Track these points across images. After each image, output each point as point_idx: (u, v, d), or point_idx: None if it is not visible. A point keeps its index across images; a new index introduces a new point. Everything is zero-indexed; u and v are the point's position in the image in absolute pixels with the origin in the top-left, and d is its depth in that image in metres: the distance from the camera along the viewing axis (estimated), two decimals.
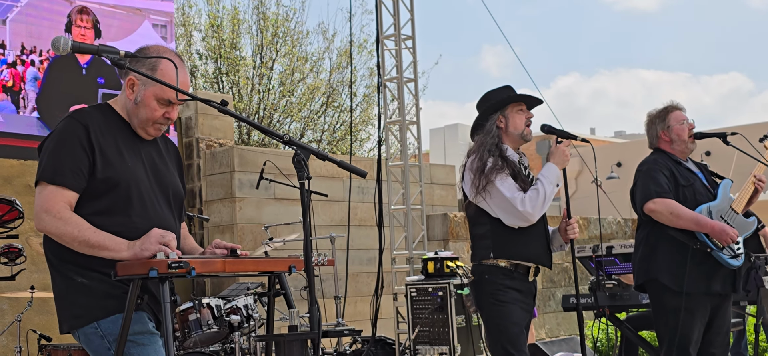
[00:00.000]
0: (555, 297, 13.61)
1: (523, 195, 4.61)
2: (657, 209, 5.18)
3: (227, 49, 18.51)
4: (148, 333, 3.29)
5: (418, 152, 11.08)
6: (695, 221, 5.11)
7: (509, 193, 4.61)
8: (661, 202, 5.17)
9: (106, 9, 10.47)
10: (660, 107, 5.52)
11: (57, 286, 3.33)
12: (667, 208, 5.15)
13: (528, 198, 4.61)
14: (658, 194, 5.18)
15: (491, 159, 4.67)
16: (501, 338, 4.67)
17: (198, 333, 5.93)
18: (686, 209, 5.15)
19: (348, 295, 9.74)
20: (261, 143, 17.91)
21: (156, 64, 3.35)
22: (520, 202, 4.59)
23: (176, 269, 3.02)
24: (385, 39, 10.82)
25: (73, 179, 3.22)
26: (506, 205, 4.63)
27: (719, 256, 5.10)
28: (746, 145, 5.43)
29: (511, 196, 4.60)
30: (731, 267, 5.15)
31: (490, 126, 4.80)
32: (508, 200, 4.61)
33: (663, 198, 5.17)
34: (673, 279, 5.16)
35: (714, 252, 5.10)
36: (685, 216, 5.12)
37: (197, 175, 11.55)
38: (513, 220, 4.66)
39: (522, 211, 4.60)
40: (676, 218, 5.14)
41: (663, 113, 5.47)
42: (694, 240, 5.13)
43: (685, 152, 5.43)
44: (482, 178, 4.66)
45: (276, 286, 3.65)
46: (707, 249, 5.09)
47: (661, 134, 5.44)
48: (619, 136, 42.03)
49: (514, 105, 4.85)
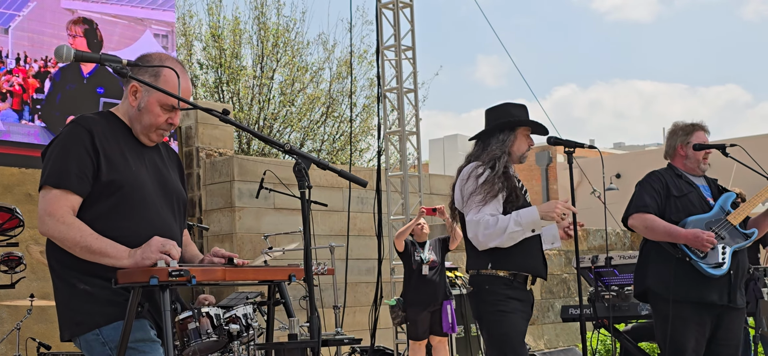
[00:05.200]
0: (554, 308, 13.62)
1: (482, 219, 4.60)
2: (634, 224, 5.33)
3: (228, 58, 18.55)
4: (150, 340, 3.29)
5: (418, 162, 11.11)
6: (667, 232, 5.19)
7: (474, 215, 4.63)
8: (638, 217, 5.29)
9: (108, 18, 10.50)
10: (689, 122, 5.56)
11: (59, 293, 3.33)
12: (642, 222, 5.27)
13: (483, 225, 4.59)
14: (637, 209, 5.30)
15: (488, 171, 4.68)
16: (503, 347, 4.68)
17: (197, 341, 5.91)
18: (661, 221, 5.22)
19: (347, 305, 9.75)
20: (261, 153, 17.94)
21: (158, 72, 3.36)
22: (476, 225, 4.62)
23: (177, 277, 3.03)
24: (386, 49, 10.85)
25: (78, 183, 3.23)
26: (468, 224, 4.69)
27: (698, 264, 5.13)
28: (745, 157, 5.45)
29: (472, 218, 4.63)
30: (712, 275, 5.15)
31: (505, 139, 4.82)
32: (469, 221, 4.66)
33: (640, 213, 5.28)
34: (663, 287, 5.22)
35: (693, 261, 5.13)
36: (659, 229, 5.22)
37: (197, 184, 11.57)
38: (469, 238, 4.70)
39: (472, 235, 4.66)
40: (651, 232, 5.27)
41: (690, 128, 5.51)
42: (675, 250, 5.18)
43: (696, 170, 5.48)
44: (467, 189, 4.71)
45: (276, 295, 3.66)
46: (686, 258, 5.14)
47: (678, 148, 5.50)
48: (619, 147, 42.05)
49: (524, 128, 4.88)
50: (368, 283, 11.79)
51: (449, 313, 8.44)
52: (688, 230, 5.16)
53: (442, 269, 8.56)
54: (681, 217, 5.25)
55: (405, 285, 8.63)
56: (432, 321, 8.47)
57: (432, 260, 8.47)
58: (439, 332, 8.49)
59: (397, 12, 10.84)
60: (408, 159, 10.90)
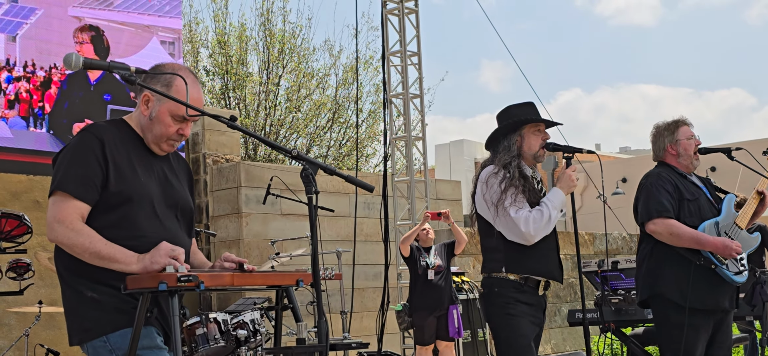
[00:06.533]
0: (561, 312, 13.62)
1: (527, 215, 4.62)
2: (657, 230, 5.18)
3: (234, 65, 18.58)
4: (157, 347, 3.30)
5: (424, 167, 11.12)
6: (696, 240, 5.11)
7: (515, 213, 4.62)
8: (662, 222, 5.16)
9: (115, 26, 10.55)
10: (669, 120, 5.51)
11: (67, 299, 3.35)
12: (667, 229, 5.15)
13: (532, 219, 4.62)
14: (659, 214, 5.18)
15: (506, 175, 4.69)
16: (509, 351, 4.69)
17: (205, 347, 5.94)
18: (686, 228, 5.14)
19: (354, 310, 9.77)
20: (267, 159, 17.97)
21: (171, 81, 3.38)
22: (524, 222, 4.61)
23: (186, 282, 3.05)
24: (391, 55, 10.87)
25: (87, 191, 3.25)
26: (511, 224, 4.65)
27: (723, 272, 5.10)
28: (751, 160, 5.45)
29: (515, 216, 4.62)
30: (735, 283, 5.15)
31: (509, 143, 4.82)
32: (512, 220, 4.62)
33: (663, 218, 5.16)
34: (679, 294, 5.15)
35: (718, 268, 5.10)
36: (685, 236, 5.12)
37: (204, 190, 11.60)
38: (515, 238, 4.68)
39: (524, 232, 4.62)
40: (677, 239, 5.14)
41: (672, 126, 5.46)
42: (698, 256, 5.13)
43: (690, 167, 5.43)
44: (492, 193, 4.68)
45: (284, 300, 3.68)
46: (711, 266, 5.10)
47: (668, 147, 5.43)
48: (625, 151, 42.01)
49: (532, 125, 4.86)
50: (375, 288, 11.80)
51: (455, 318, 8.44)
52: (716, 239, 5.08)
53: (447, 273, 8.57)
54: (695, 222, 5.18)
55: (411, 290, 8.64)
56: (438, 325, 8.48)
57: (437, 265, 8.48)
58: (445, 337, 8.50)
59: (403, 18, 10.87)
60: (414, 164, 10.92)
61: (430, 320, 8.45)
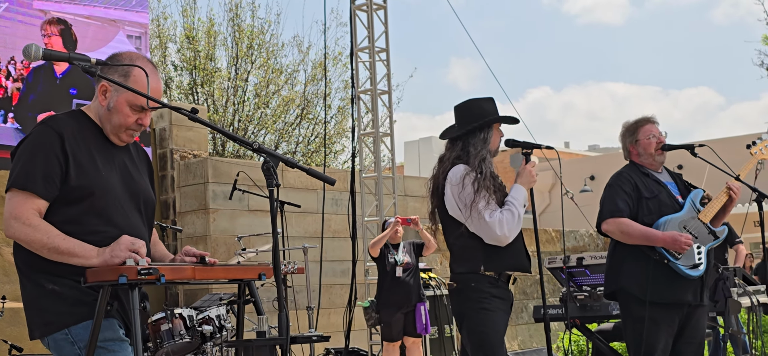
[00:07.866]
0: (527, 309, 13.69)
1: (500, 217, 4.66)
2: (610, 229, 5.33)
3: (202, 60, 18.50)
4: (119, 339, 3.29)
5: (392, 164, 11.13)
6: (645, 236, 5.22)
7: (489, 216, 4.66)
8: (613, 222, 5.30)
9: (81, 19, 10.46)
10: (632, 120, 5.59)
11: (27, 293, 3.32)
12: (618, 227, 5.29)
13: (505, 221, 4.68)
14: (612, 214, 5.31)
15: (478, 175, 4.70)
16: (483, 346, 4.70)
17: (170, 343, 5.93)
18: (636, 225, 5.24)
19: (321, 306, 9.75)
20: (235, 155, 17.91)
21: (128, 71, 3.35)
22: (499, 226, 4.66)
23: (146, 275, 3.03)
24: (360, 51, 10.87)
25: (45, 186, 3.22)
26: (485, 227, 4.69)
27: (676, 266, 5.17)
28: (714, 158, 5.51)
29: (490, 220, 4.66)
30: (690, 277, 5.20)
31: (484, 140, 4.84)
32: (487, 224, 4.67)
33: (615, 218, 5.29)
34: (639, 288, 5.23)
35: (671, 263, 5.17)
36: (635, 233, 5.24)
37: (171, 186, 11.54)
38: (491, 241, 4.72)
39: (500, 235, 4.68)
40: (628, 236, 5.27)
41: (633, 126, 5.55)
42: (653, 252, 5.21)
43: (653, 164, 5.49)
44: (467, 195, 4.70)
45: (246, 294, 3.66)
46: (664, 260, 5.17)
47: (630, 148, 5.54)
48: (593, 149, 42.29)
49: (496, 123, 4.91)
50: (343, 285, 11.80)
51: (423, 314, 8.47)
52: (665, 233, 5.18)
53: (415, 271, 8.59)
54: (654, 218, 5.27)
55: (379, 287, 8.65)
56: (406, 322, 8.50)
57: (406, 262, 8.49)
58: (412, 333, 8.52)
59: (371, 14, 10.86)
60: (382, 161, 10.92)
61: (398, 316, 8.46)
